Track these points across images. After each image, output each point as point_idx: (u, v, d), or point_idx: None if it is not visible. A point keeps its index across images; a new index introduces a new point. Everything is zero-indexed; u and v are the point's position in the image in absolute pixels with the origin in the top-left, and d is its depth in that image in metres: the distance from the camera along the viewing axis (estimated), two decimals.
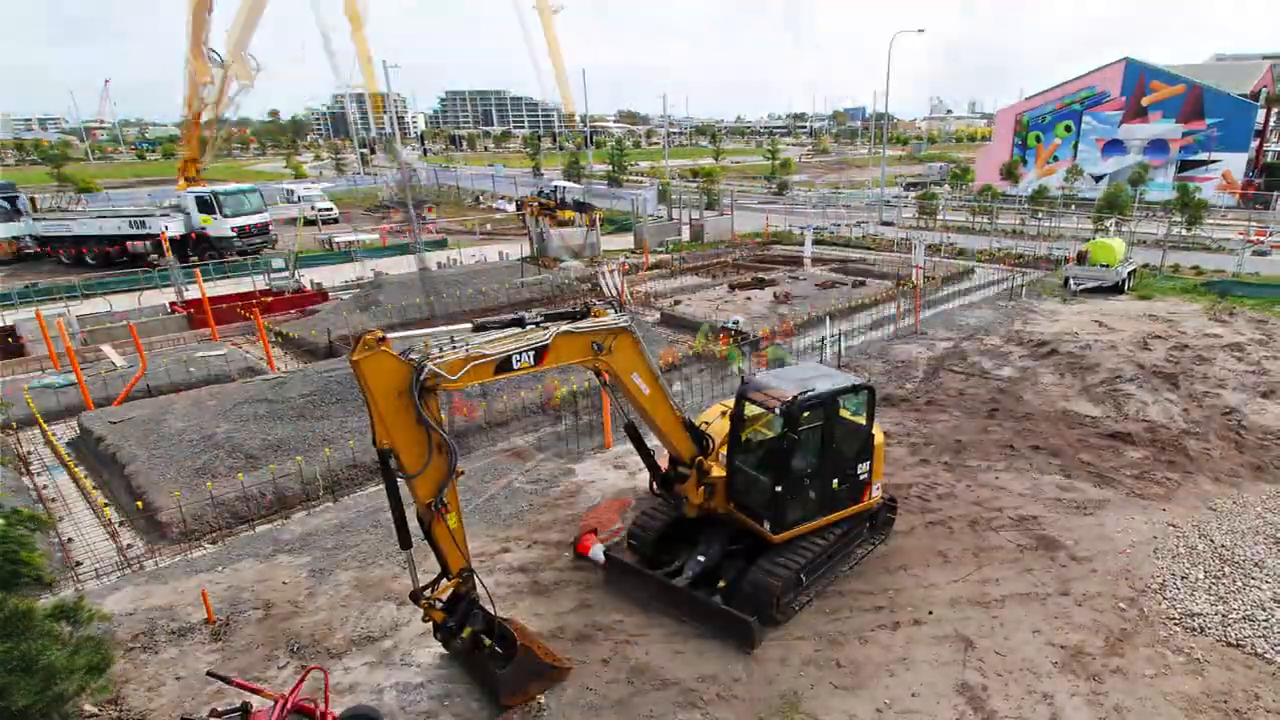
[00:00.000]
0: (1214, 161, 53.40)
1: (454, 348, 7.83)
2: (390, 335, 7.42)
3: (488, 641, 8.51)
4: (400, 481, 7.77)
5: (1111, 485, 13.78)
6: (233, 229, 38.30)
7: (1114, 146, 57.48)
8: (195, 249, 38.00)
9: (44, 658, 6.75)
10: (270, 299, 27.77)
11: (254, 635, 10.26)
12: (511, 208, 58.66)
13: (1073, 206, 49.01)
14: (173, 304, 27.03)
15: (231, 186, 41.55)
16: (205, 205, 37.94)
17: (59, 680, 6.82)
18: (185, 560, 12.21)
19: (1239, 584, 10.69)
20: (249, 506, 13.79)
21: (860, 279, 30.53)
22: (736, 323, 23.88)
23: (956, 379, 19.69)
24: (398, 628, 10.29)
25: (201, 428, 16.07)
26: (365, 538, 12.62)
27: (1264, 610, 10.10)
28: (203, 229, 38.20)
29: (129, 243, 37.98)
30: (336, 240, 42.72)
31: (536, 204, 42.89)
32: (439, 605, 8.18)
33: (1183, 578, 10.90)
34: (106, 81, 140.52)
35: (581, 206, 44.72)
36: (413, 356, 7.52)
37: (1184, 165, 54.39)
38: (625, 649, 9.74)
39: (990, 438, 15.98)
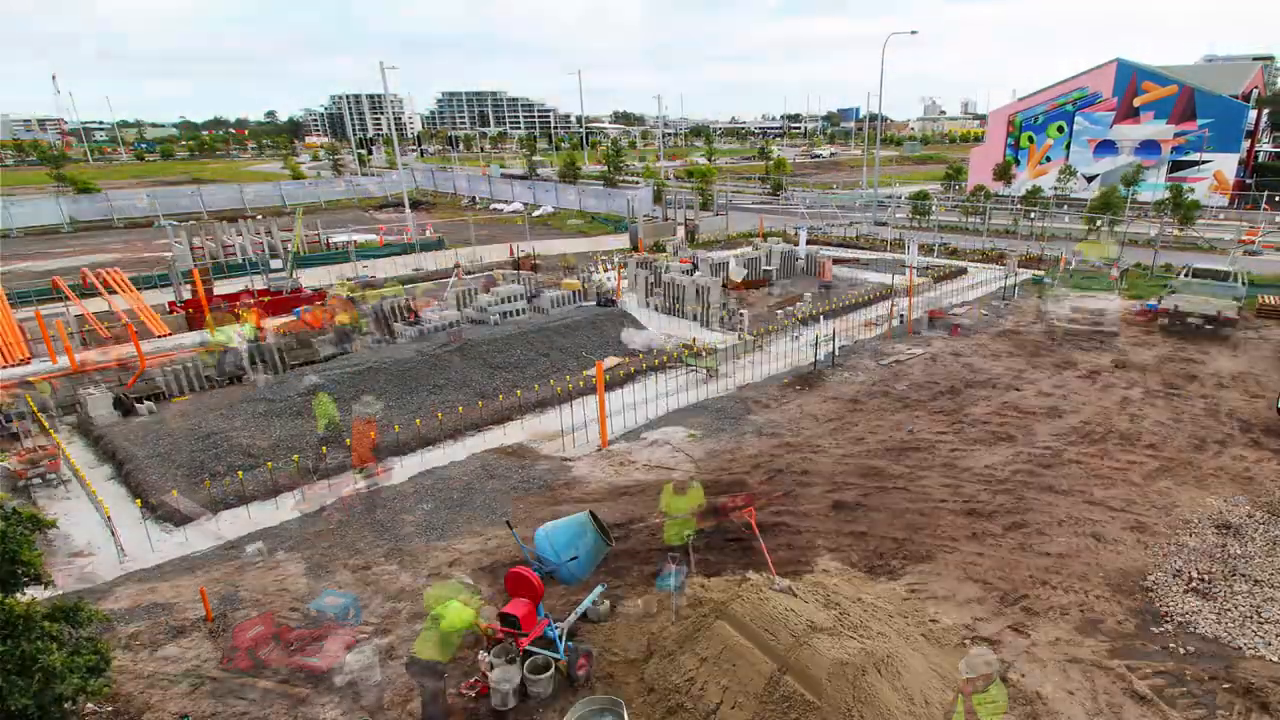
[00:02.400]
0: (1206, 162, 53.77)
1: None
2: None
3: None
4: None
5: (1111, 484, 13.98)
6: None
7: (1106, 147, 57.84)
8: None
9: (42, 659, 6.78)
10: (268, 299, 27.81)
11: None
12: (508, 209, 58.71)
13: (1065, 207, 49.36)
14: (171, 303, 27.08)
15: None
16: None
17: (57, 681, 6.86)
18: (184, 558, 12.31)
19: (1233, 586, 10.89)
20: (245, 503, 13.92)
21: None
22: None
23: (949, 377, 19.88)
24: (394, 625, 10.40)
25: (201, 426, 16.16)
26: (363, 535, 12.74)
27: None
28: None
29: None
30: (333, 240, 42.81)
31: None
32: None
33: (1175, 574, 11.09)
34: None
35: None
36: None
37: (1176, 166, 54.75)
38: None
39: (974, 433, 16.18)
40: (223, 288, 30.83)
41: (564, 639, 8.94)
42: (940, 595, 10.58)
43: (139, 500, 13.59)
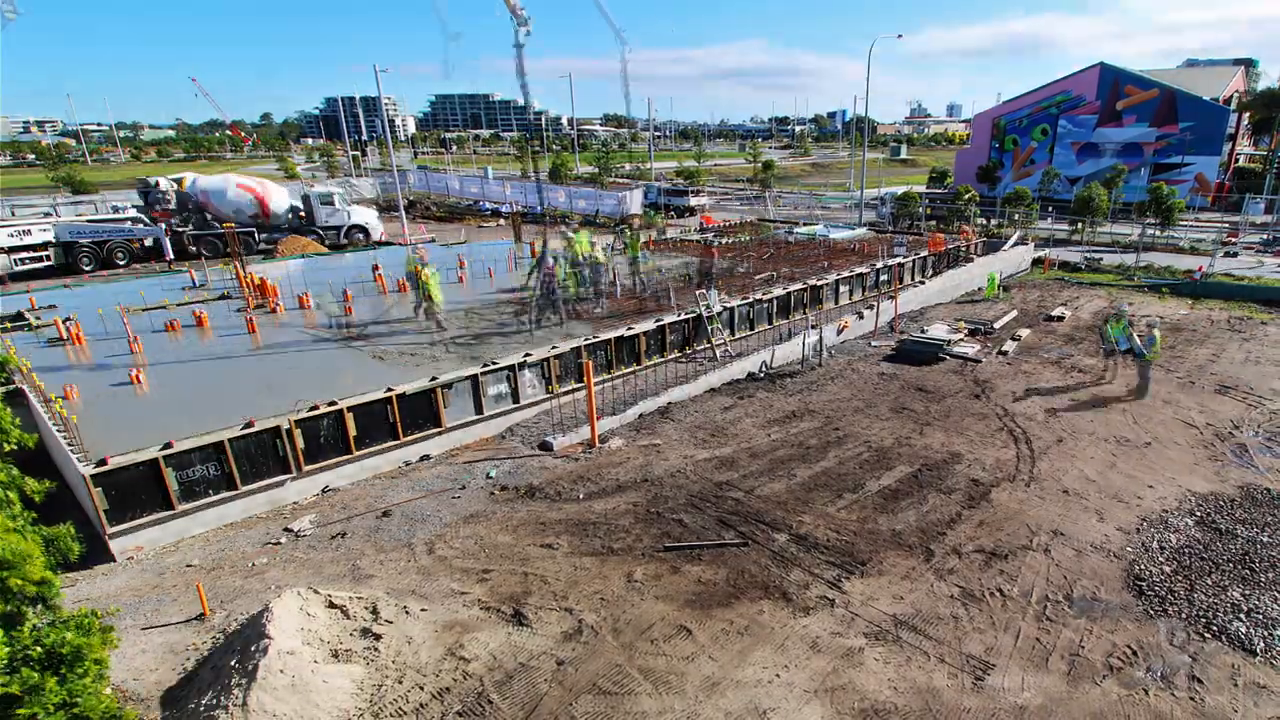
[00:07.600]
0: (1187, 164, 54.55)
1: None
2: None
3: None
4: None
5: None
6: None
7: (1089, 150, 58.61)
8: None
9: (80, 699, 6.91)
10: None
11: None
12: (502, 208, 58.89)
13: (1050, 209, 50.00)
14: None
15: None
16: None
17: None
18: (181, 557, 12.69)
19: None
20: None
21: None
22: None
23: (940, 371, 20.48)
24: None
25: None
26: (358, 533, 13.18)
27: None
28: None
29: None
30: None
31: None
32: None
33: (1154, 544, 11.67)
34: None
35: None
36: None
37: (1158, 168, 55.52)
38: None
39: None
40: None
41: None
42: None
43: None
